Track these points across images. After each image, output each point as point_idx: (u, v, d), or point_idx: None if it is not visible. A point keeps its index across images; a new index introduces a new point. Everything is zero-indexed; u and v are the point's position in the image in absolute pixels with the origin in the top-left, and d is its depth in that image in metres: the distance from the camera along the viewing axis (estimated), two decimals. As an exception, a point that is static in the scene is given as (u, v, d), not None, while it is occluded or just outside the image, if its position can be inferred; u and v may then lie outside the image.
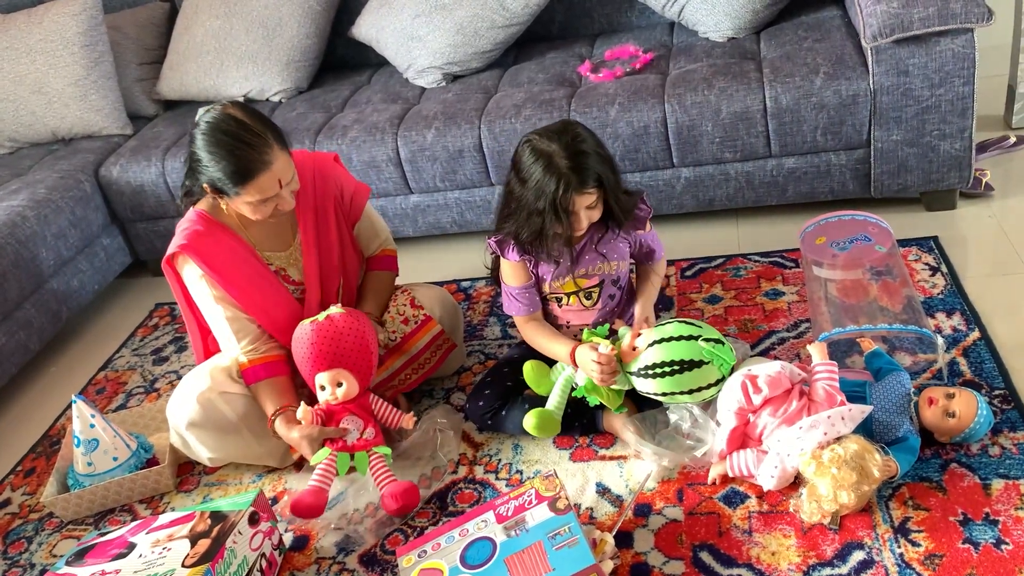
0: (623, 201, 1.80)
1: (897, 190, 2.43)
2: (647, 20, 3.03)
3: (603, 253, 1.89)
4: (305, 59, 3.09)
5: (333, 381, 1.87)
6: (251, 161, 1.77)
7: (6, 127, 3.13)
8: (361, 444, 1.85)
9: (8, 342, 2.49)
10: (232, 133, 1.77)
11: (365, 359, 1.90)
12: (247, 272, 1.94)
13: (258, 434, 1.97)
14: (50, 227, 2.69)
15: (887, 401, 1.67)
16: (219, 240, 1.91)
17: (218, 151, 1.77)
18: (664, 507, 1.71)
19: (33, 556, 1.97)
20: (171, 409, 1.95)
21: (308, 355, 1.87)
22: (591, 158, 1.70)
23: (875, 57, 2.25)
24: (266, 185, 1.79)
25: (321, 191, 2.01)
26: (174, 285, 2.00)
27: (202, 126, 1.80)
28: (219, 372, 1.95)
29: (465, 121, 2.59)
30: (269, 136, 1.80)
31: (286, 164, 1.82)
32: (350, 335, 1.88)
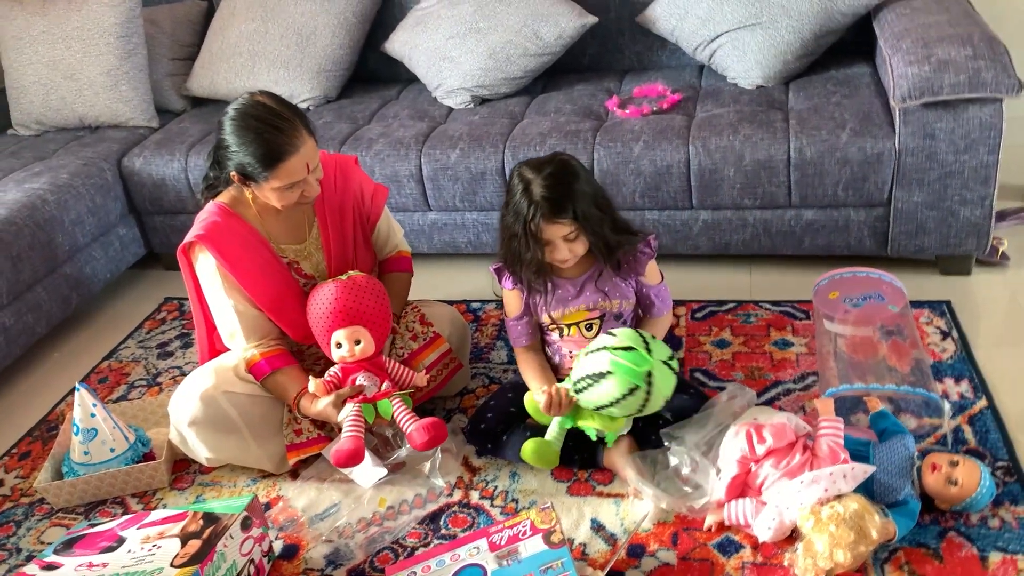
0: (610, 239, 1.83)
1: (913, 251, 2.44)
2: (677, 61, 3.05)
3: (604, 291, 1.91)
4: (336, 69, 3.11)
5: (351, 338, 1.91)
6: (280, 144, 1.80)
7: (35, 109, 3.15)
8: (382, 394, 1.89)
9: (16, 323, 2.50)
10: (261, 118, 1.81)
11: (383, 320, 1.95)
12: (261, 265, 1.96)
13: (258, 436, 1.97)
14: (68, 213, 2.70)
15: (890, 463, 1.66)
16: (236, 232, 1.94)
17: (248, 135, 1.81)
18: (658, 549, 1.69)
19: (20, 541, 1.96)
20: (173, 405, 1.95)
21: (328, 311, 1.90)
22: (569, 190, 1.76)
23: (903, 118, 2.26)
24: (294, 169, 1.83)
25: (342, 189, 2.05)
26: (187, 276, 2.01)
27: (231, 113, 1.84)
28: (224, 371, 1.96)
29: (490, 144, 2.60)
30: (297, 121, 1.84)
31: (313, 149, 1.86)
32: (371, 295, 1.93)
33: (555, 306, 1.92)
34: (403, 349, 2.06)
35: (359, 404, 1.87)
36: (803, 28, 2.63)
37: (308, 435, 1.98)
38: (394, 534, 1.82)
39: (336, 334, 1.91)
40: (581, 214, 1.76)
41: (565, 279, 1.92)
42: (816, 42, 2.66)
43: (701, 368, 2.21)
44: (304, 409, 1.94)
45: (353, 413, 1.86)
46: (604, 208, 1.82)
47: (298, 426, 1.98)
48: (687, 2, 2.78)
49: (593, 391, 1.75)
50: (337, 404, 1.87)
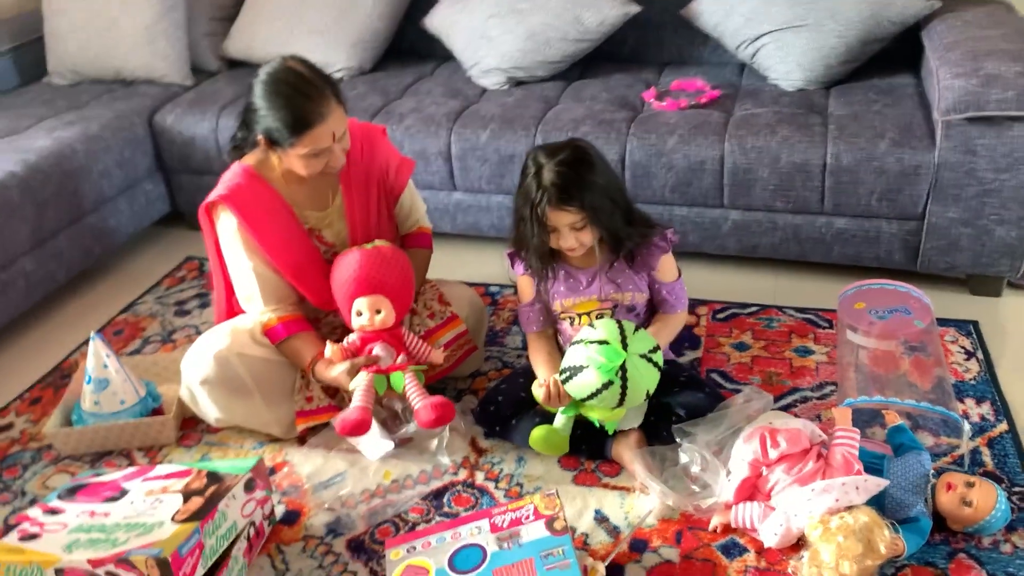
0: (620, 232, 1.80)
1: (944, 268, 2.39)
2: (719, 57, 3.01)
3: (616, 282, 1.88)
4: (373, 41, 3.10)
5: (372, 307, 1.90)
6: (308, 112, 1.79)
7: (71, 59, 3.16)
8: (396, 367, 1.88)
9: (37, 269, 2.50)
10: (292, 84, 1.80)
11: (405, 291, 1.95)
12: (282, 230, 1.95)
13: (269, 400, 1.96)
14: (97, 164, 2.71)
15: (904, 479, 1.63)
16: (259, 195, 1.93)
17: (277, 100, 1.80)
18: (661, 546, 1.67)
19: (26, 484, 1.97)
20: (186, 363, 1.95)
21: (352, 278, 1.90)
22: (579, 179, 1.73)
23: (944, 131, 2.21)
24: (320, 136, 1.81)
25: (368, 159, 2.04)
26: (207, 235, 2.01)
27: (263, 76, 1.83)
28: (240, 333, 1.95)
29: (521, 127, 2.58)
30: (327, 89, 1.82)
31: (340, 118, 1.85)
32: (395, 266, 1.93)
33: (566, 295, 1.90)
34: (420, 326, 2.05)
35: (372, 375, 1.85)
36: (849, 34, 2.58)
37: (319, 403, 1.97)
38: (396, 508, 1.81)
39: (357, 302, 1.91)
40: (589, 204, 1.73)
41: (577, 268, 1.90)
42: (862, 48, 2.61)
43: (718, 369, 2.18)
44: (318, 374, 1.93)
45: (364, 383, 1.84)
46: (617, 200, 1.79)
47: (309, 393, 1.97)
48: (733, -1, 2.74)
49: (572, 384, 1.74)
50: (351, 372, 1.86)
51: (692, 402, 1.85)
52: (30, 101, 3.05)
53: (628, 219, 1.83)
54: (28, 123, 2.82)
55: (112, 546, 1.50)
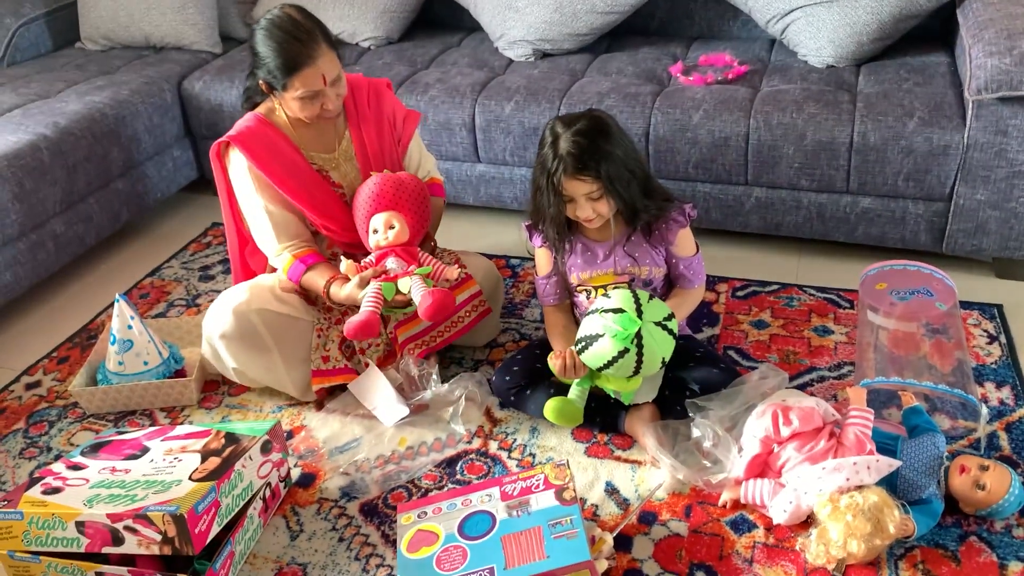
0: (637, 203, 1.80)
1: (970, 250, 2.36)
2: (748, 33, 2.97)
3: (633, 256, 1.88)
4: (401, 10, 3.09)
5: (387, 223, 1.96)
6: (298, 54, 1.88)
7: (103, 25, 3.19)
8: (403, 272, 1.93)
9: (66, 231, 2.55)
10: (285, 29, 1.89)
11: (421, 212, 2.02)
12: (293, 169, 2.02)
13: (286, 358, 2.00)
14: (126, 128, 2.74)
15: (917, 460, 1.62)
16: (268, 137, 2.01)
17: (271, 44, 1.89)
18: (669, 519, 1.69)
19: (51, 440, 2.02)
20: (207, 317, 2.00)
21: (369, 197, 1.98)
22: (596, 148, 1.73)
23: (975, 111, 2.17)
24: (311, 78, 1.89)
25: (375, 108, 2.12)
26: (219, 178, 2.08)
27: (262, 23, 1.93)
28: (261, 289, 2.00)
29: (546, 100, 2.57)
30: (317, 34, 1.91)
31: (331, 61, 1.92)
32: (411, 186, 2.02)
33: (583, 267, 1.90)
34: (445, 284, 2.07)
35: (381, 283, 1.90)
36: (882, 10, 2.53)
37: (335, 363, 2.01)
38: (410, 474, 1.84)
39: (374, 219, 1.98)
40: (606, 174, 1.73)
41: (594, 241, 1.90)
42: (895, 25, 2.56)
43: (735, 346, 2.17)
44: (333, 295, 1.98)
45: (373, 290, 1.90)
46: (635, 171, 1.79)
47: (326, 353, 2.01)
48: (765, -28, 2.70)
49: (588, 353, 1.74)
50: (362, 284, 1.92)
51: (706, 377, 1.85)
52: (63, 65, 3.09)
53: (646, 191, 1.83)
54: (60, 87, 2.86)
55: (131, 502, 1.54)
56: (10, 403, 2.15)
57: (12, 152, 2.39)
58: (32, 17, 3.19)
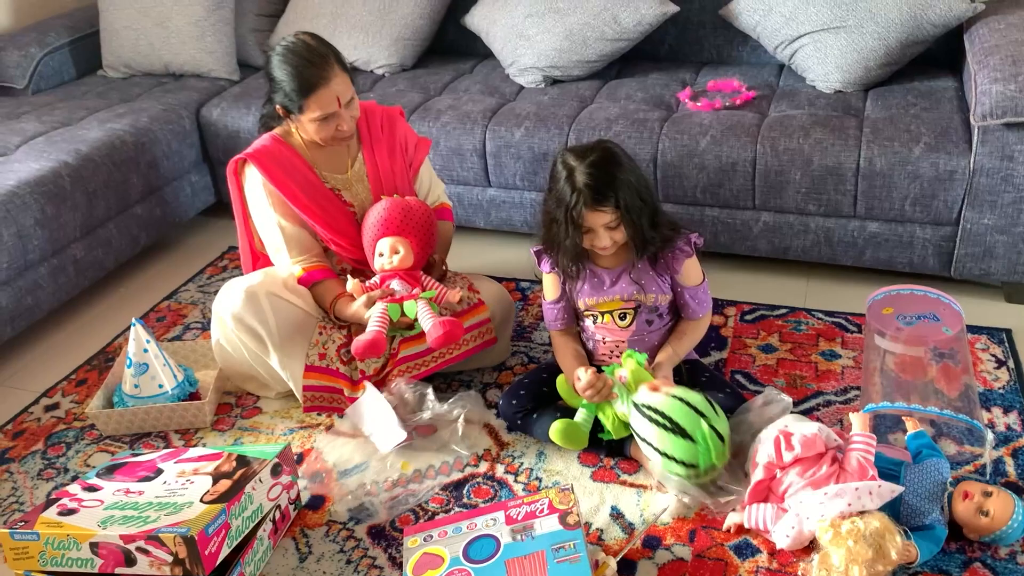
0: (646, 232, 1.82)
1: (978, 275, 2.36)
2: (757, 58, 2.99)
3: (640, 283, 1.90)
4: (415, 38, 3.14)
5: (392, 247, 2.04)
6: (312, 77, 1.97)
7: (124, 53, 3.27)
8: (409, 295, 1.99)
9: (86, 256, 2.61)
10: (299, 53, 1.99)
11: (427, 238, 2.11)
12: (306, 187, 2.10)
13: (285, 349, 2.04)
14: (146, 155, 2.80)
15: (920, 485, 1.63)
16: (284, 156, 2.10)
17: (287, 68, 1.98)
18: (674, 544, 1.70)
19: (68, 461, 2.06)
20: (219, 297, 2.08)
21: (377, 221, 2.06)
22: (612, 178, 1.76)
23: (981, 136, 2.19)
24: (325, 100, 1.98)
25: (388, 133, 2.21)
26: (234, 194, 2.16)
27: (277, 49, 2.02)
28: (274, 275, 2.10)
29: (555, 126, 2.60)
30: (331, 57, 2.00)
31: (345, 83, 2.01)
32: (419, 213, 2.11)
33: (590, 293, 1.93)
34: (447, 310, 2.10)
35: (386, 303, 1.97)
36: (889, 36, 2.55)
37: (330, 363, 2.06)
38: (418, 497, 1.86)
39: (380, 242, 2.05)
40: (623, 203, 1.76)
41: (602, 268, 1.93)
42: (902, 51, 2.58)
43: (742, 370, 2.19)
44: (339, 311, 2.07)
45: (379, 310, 1.96)
46: (645, 199, 1.81)
47: (323, 351, 2.06)
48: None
49: (656, 430, 1.70)
50: (368, 304, 1.99)
51: (712, 402, 1.86)
52: (85, 93, 3.16)
53: (654, 220, 1.85)
54: (82, 114, 2.93)
55: (143, 523, 1.57)
56: (29, 424, 2.19)
57: (35, 179, 2.46)
58: (56, 46, 3.27)
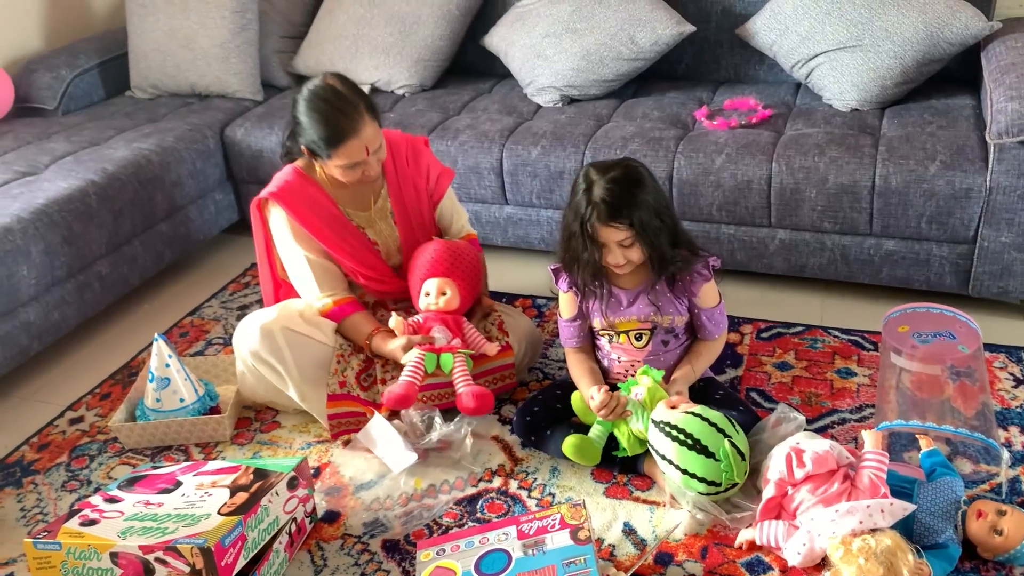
0: (665, 253, 1.83)
1: (996, 293, 2.35)
2: (774, 77, 3.01)
3: (657, 305, 1.91)
4: (435, 59, 3.19)
5: (439, 288, 2.07)
6: (342, 127, 1.95)
7: (152, 74, 3.34)
8: (448, 348, 2.00)
9: (112, 272, 2.66)
10: (329, 101, 1.96)
11: (473, 282, 2.14)
12: (331, 222, 2.11)
13: (305, 379, 2.07)
14: (170, 174, 2.86)
15: (933, 504, 1.62)
16: (308, 193, 2.10)
17: (315, 116, 1.96)
18: (685, 560, 1.70)
19: (92, 474, 2.10)
20: (236, 335, 2.11)
21: (427, 261, 2.09)
22: (630, 196, 1.77)
23: (997, 154, 2.18)
24: (354, 150, 1.97)
25: (413, 168, 2.20)
26: (257, 230, 2.17)
27: (304, 93, 2.00)
28: (288, 309, 2.10)
29: (571, 144, 2.63)
30: (361, 106, 1.98)
31: (375, 133, 1.99)
32: (466, 256, 2.13)
33: (607, 313, 1.94)
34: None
35: (424, 352, 1.97)
36: (905, 54, 2.56)
37: (351, 390, 2.07)
38: (432, 512, 1.88)
39: (427, 283, 2.07)
40: (638, 222, 1.77)
41: (619, 288, 1.94)
42: (918, 70, 2.59)
43: (758, 388, 2.19)
44: (376, 347, 2.08)
45: (415, 359, 1.97)
46: (665, 220, 1.82)
47: (343, 379, 2.08)
48: (788, 18, 2.75)
49: (675, 448, 1.72)
50: (406, 348, 2.00)
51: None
52: (113, 113, 3.23)
53: (674, 241, 1.85)
54: (110, 134, 3.00)
55: (162, 535, 1.60)
56: (54, 437, 2.24)
57: (63, 197, 2.52)
58: (86, 68, 3.35)
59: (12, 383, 2.47)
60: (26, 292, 2.37)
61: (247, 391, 2.20)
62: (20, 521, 1.97)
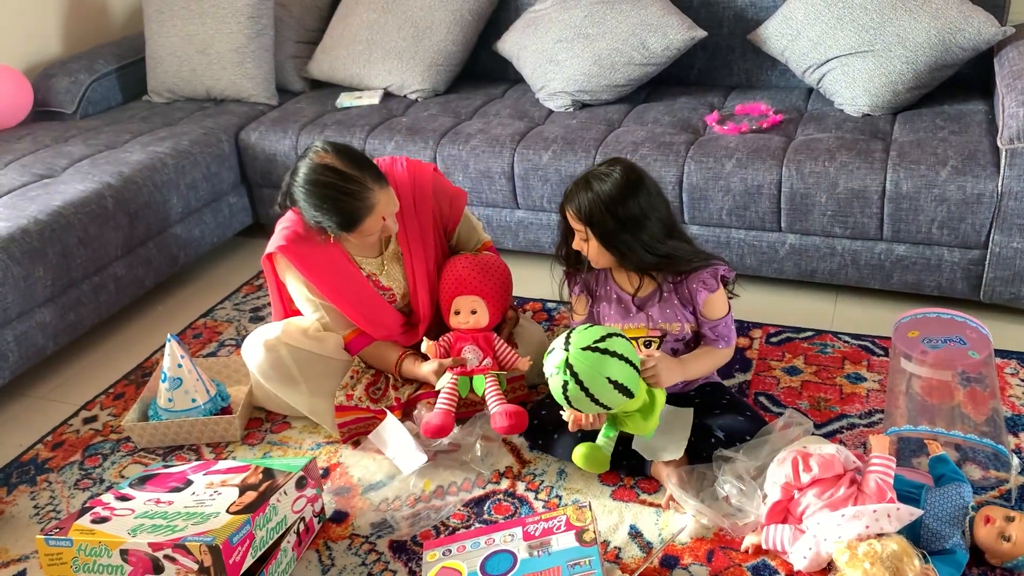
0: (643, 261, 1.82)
1: (1008, 299, 2.34)
2: (786, 82, 3.01)
3: (665, 312, 1.91)
4: (447, 64, 3.21)
5: (469, 307, 2.07)
6: (355, 210, 1.90)
7: (168, 79, 3.38)
8: (480, 369, 2.01)
9: (127, 274, 2.70)
10: (332, 185, 1.87)
11: (502, 298, 2.13)
12: (341, 275, 2.07)
13: (314, 392, 2.08)
14: (185, 177, 2.89)
15: (941, 509, 1.61)
16: (315, 242, 2.03)
17: (322, 204, 1.89)
18: (691, 563, 1.70)
19: (104, 472, 2.13)
20: (243, 350, 2.12)
21: (455, 278, 2.08)
22: (587, 191, 1.79)
23: (1009, 160, 2.17)
24: (372, 227, 1.95)
25: (420, 203, 2.14)
26: (269, 278, 2.16)
27: (300, 180, 1.90)
28: (293, 326, 2.10)
29: (582, 149, 2.64)
30: (367, 179, 1.89)
31: (388, 200, 1.94)
32: (495, 273, 2.13)
33: (615, 318, 1.94)
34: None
35: (456, 377, 1.99)
36: (918, 59, 2.55)
37: (359, 402, 2.08)
38: (440, 513, 1.89)
39: (456, 300, 2.08)
40: (587, 218, 1.79)
41: (627, 293, 1.94)
42: (930, 75, 2.58)
43: (766, 392, 2.19)
44: (407, 371, 2.08)
45: (449, 386, 1.98)
46: (629, 226, 1.77)
47: (350, 392, 2.08)
48: (800, 23, 2.75)
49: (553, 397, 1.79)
50: (439, 372, 2.01)
51: (731, 425, 1.87)
52: (130, 117, 3.28)
53: (658, 252, 1.82)
54: (126, 138, 3.04)
55: (171, 532, 1.62)
56: (68, 436, 2.27)
57: (79, 200, 2.55)
58: (104, 72, 3.40)
59: (28, 382, 2.50)
60: (42, 293, 2.40)
61: (263, 399, 2.23)
62: (33, 518, 1.99)
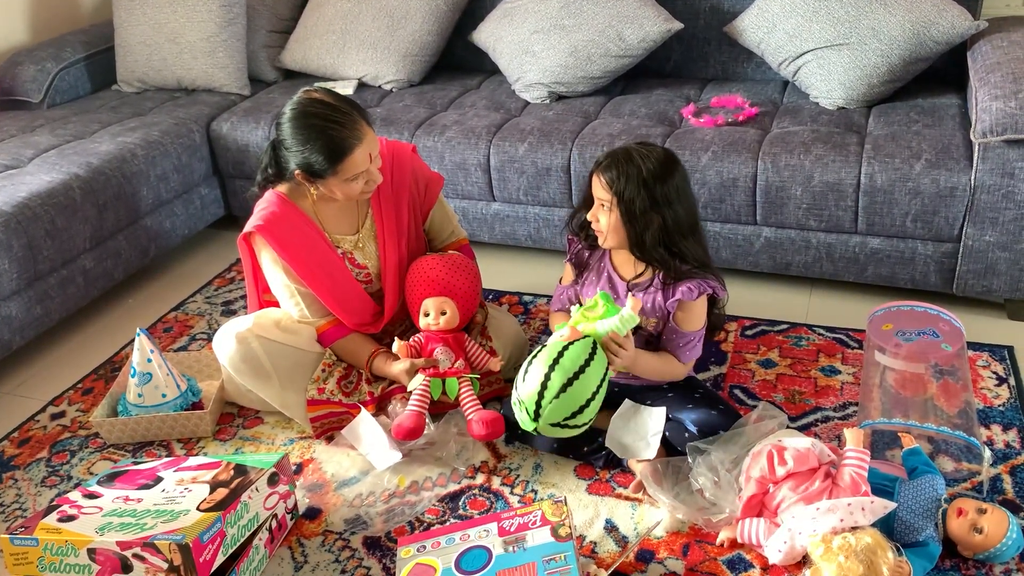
0: (651, 250, 1.82)
1: (980, 291, 2.35)
2: (762, 75, 3.01)
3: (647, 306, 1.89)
4: (423, 54, 3.18)
5: (439, 308, 2.03)
6: (344, 138, 1.87)
7: (138, 68, 3.32)
8: (452, 372, 1.98)
9: (96, 267, 2.65)
10: (321, 115, 1.87)
11: (471, 298, 2.09)
12: (317, 257, 2.04)
13: (286, 385, 2.05)
14: (156, 168, 2.84)
15: (914, 502, 1.62)
16: (294, 224, 2.02)
17: (311, 133, 1.87)
18: (667, 557, 1.70)
19: (72, 469, 2.09)
20: (215, 343, 2.09)
21: (424, 278, 2.04)
22: (628, 164, 1.79)
23: (981, 153, 2.19)
24: (359, 161, 1.90)
25: (398, 181, 2.12)
26: (245, 260, 2.13)
27: (289, 114, 1.90)
28: (264, 318, 2.07)
29: (558, 141, 2.62)
30: (355, 113, 1.90)
31: (374, 139, 1.94)
32: (464, 272, 2.09)
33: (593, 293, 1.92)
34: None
35: (429, 378, 1.95)
36: (892, 53, 2.56)
37: (330, 396, 2.06)
38: (415, 509, 1.87)
39: (426, 302, 2.04)
40: (620, 190, 1.78)
41: (621, 278, 1.93)
42: (905, 68, 2.59)
43: (741, 385, 2.19)
44: (377, 368, 2.05)
45: (420, 387, 1.95)
46: (657, 207, 1.78)
47: (322, 386, 2.06)
48: (776, 16, 2.74)
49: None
50: (410, 372, 1.97)
51: (705, 419, 1.86)
52: (99, 107, 3.22)
53: (671, 245, 1.83)
54: (95, 128, 2.98)
55: (140, 530, 1.59)
56: (35, 432, 2.22)
57: (46, 191, 2.50)
58: (72, 61, 3.33)
59: (-7, 378, 2.46)
60: (8, 286, 2.35)
61: (234, 394, 2.19)
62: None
